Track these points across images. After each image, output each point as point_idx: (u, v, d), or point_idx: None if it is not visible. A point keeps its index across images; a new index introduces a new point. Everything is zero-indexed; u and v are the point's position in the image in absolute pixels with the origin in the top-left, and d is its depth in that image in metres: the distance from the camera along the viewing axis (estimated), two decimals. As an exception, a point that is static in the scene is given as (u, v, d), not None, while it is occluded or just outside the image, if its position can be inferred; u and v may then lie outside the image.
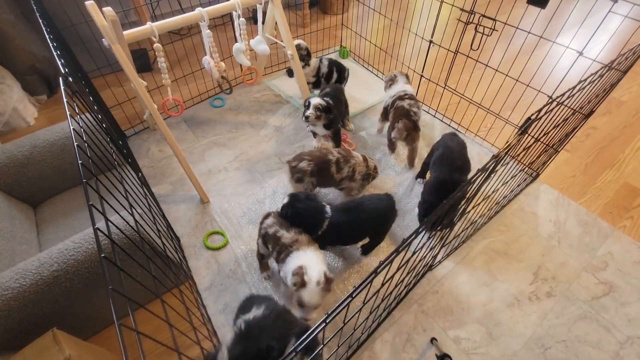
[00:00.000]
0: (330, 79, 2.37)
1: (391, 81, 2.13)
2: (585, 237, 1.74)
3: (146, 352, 1.31)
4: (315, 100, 1.84)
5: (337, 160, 1.68)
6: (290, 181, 1.70)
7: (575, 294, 1.54)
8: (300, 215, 1.39)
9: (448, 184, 1.59)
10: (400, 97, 1.96)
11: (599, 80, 1.31)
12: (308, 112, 1.83)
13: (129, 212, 0.83)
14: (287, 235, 1.34)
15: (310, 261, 1.23)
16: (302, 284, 1.19)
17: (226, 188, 1.94)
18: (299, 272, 1.20)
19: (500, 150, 0.98)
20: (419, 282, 1.57)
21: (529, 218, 1.82)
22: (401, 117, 1.88)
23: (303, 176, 1.64)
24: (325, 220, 1.41)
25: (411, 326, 1.44)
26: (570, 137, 1.82)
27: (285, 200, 1.42)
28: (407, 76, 2.14)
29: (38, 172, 1.51)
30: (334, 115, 1.88)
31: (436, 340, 1.39)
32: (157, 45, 1.61)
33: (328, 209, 1.45)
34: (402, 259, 0.85)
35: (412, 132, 1.88)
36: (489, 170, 0.98)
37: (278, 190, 1.90)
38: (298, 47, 2.18)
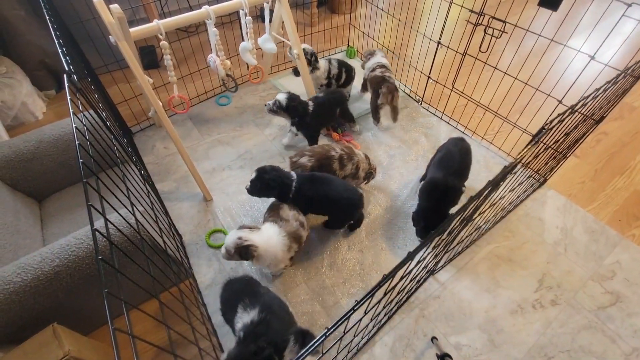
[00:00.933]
0: (340, 79, 2.35)
1: (370, 55, 2.34)
2: (593, 245, 1.71)
3: (145, 349, 1.32)
4: (280, 96, 1.89)
5: (340, 156, 1.67)
6: None
7: (580, 303, 1.51)
8: (269, 186, 1.47)
9: (440, 186, 1.59)
10: (373, 69, 2.20)
11: (612, 87, 1.28)
12: (267, 103, 1.92)
13: (129, 211, 0.83)
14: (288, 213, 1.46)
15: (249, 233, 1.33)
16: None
17: (229, 186, 1.94)
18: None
19: (511, 162, 0.96)
20: (421, 287, 1.55)
21: (535, 224, 1.79)
22: (382, 84, 2.10)
23: (303, 172, 1.63)
24: (292, 185, 1.49)
25: (411, 331, 1.42)
26: (580, 142, 1.78)
27: (253, 175, 1.49)
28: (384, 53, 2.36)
29: (43, 166, 1.52)
30: (301, 117, 1.91)
31: (436, 339, 1.38)
32: (163, 42, 1.61)
33: (293, 174, 1.53)
34: (405, 270, 0.83)
35: (394, 93, 2.12)
36: (497, 182, 0.96)
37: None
38: (303, 53, 2.14)
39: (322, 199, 1.52)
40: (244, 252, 1.30)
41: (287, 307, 1.23)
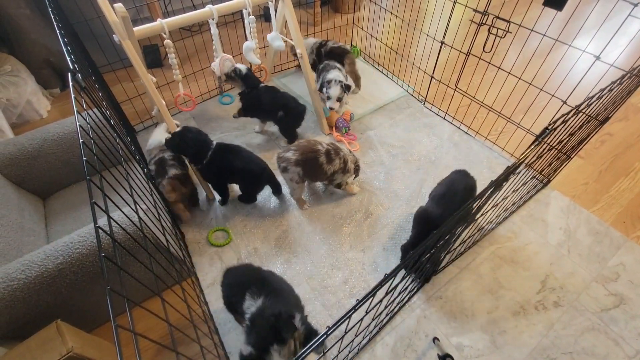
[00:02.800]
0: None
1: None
2: (596, 247, 1.70)
3: (147, 347, 1.33)
4: (241, 65, 1.97)
5: (327, 151, 1.67)
6: (278, 170, 1.71)
7: (583, 305, 1.50)
8: (187, 144, 1.56)
9: (434, 220, 1.43)
10: (322, 45, 2.37)
11: (617, 88, 1.27)
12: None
13: (132, 209, 0.83)
14: None
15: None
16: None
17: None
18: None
19: (514, 162, 0.96)
20: (423, 287, 1.55)
21: (538, 225, 1.78)
22: (345, 54, 2.31)
23: (288, 165, 1.63)
24: (208, 152, 1.61)
25: (413, 331, 1.42)
26: (584, 143, 1.77)
27: (178, 129, 1.61)
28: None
29: (48, 164, 1.54)
30: (249, 90, 1.99)
31: (438, 340, 1.37)
32: (167, 41, 1.62)
33: (215, 143, 1.64)
34: (407, 270, 0.83)
35: (354, 61, 2.40)
36: (500, 183, 0.96)
37: (284, 188, 1.90)
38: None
39: (229, 168, 1.64)
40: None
41: (292, 290, 1.25)
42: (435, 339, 1.38)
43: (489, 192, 0.94)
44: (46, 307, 1.09)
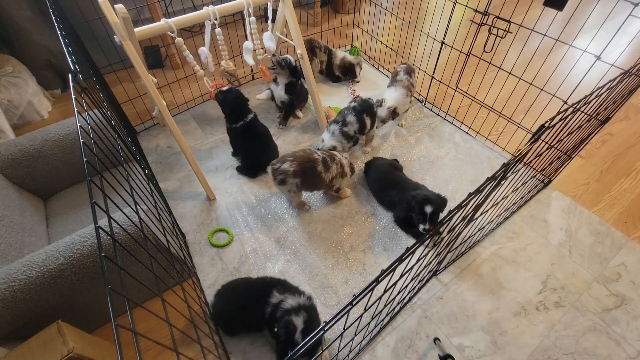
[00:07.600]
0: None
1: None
2: (598, 247, 1.69)
3: (148, 347, 1.33)
4: (290, 57, 2.12)
5: (323, 159, 1.65)
6: (273, 183, 1.68)
7: (585, 305, 1.50)
8: (231, 101, 1.79)
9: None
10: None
11: (616, 87, 1.27)
12: (273, 55, 2.12)
13: (133, 210, 0.83)
14: None
15: None
16: None
17: (232, 186, 1.94)
18: None
19: (510, 159, 0.96)
20: (424, 287, 1.54)
21: (539, 225, 1.77)
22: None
23: (285, 177, 1.61)
24: (249, 115, 1.84)
25: (414, 331, 1.42)
26: (585, 143, 1.77)
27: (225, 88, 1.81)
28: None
29: (49, 165, 1.54)
30: (297, 80, 2.18)
31: (439, 340, 1.37)
32: (178, 39, 1.61)
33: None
34: (406, 266, 0.83)
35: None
36: (498, 179, 0.96)
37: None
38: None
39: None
40: None
41: None
42: (436, 340, 1.38)
43: (487, 185, 0.94)
44: (47, 308, 1.09)
